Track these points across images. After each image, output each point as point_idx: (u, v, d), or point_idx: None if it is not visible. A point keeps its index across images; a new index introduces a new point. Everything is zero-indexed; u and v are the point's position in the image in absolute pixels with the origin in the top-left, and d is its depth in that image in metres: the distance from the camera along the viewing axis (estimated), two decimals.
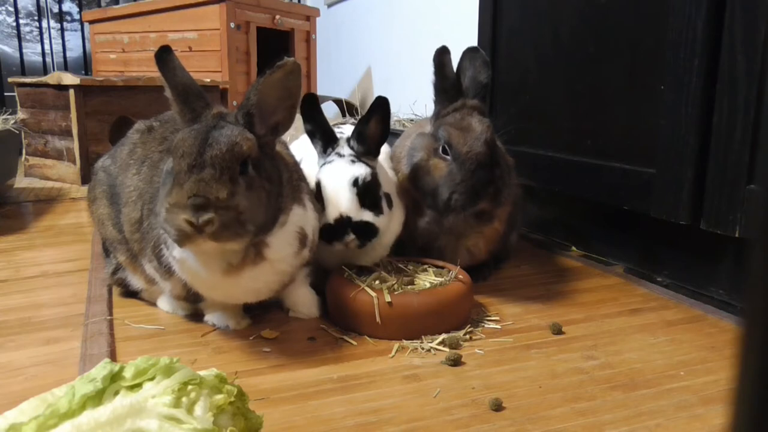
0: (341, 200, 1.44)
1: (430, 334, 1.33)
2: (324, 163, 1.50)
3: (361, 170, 1.46)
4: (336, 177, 1.46)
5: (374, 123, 1.50)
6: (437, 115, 1.61)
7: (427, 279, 1.46)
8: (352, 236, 1.42)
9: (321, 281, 1.52)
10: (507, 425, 0.99)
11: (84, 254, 2.00)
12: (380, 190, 1.49)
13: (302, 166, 1.52)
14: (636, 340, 1.32)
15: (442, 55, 1.59)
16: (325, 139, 1.54)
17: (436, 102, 1.64)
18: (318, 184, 1.48)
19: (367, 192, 1.45)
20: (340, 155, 1.50)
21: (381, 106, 1.49)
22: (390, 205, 1.52)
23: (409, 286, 1.41)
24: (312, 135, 1.55)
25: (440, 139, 1.53)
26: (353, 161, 1.48)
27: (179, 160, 1.11)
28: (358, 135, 1.51)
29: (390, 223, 1.54)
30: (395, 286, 1.39)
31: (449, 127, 1.52)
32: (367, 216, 1.44)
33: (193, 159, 1.10)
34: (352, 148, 1.51)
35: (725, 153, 1.42)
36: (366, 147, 1.51)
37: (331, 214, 1.44)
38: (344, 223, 1.42)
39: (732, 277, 1.55)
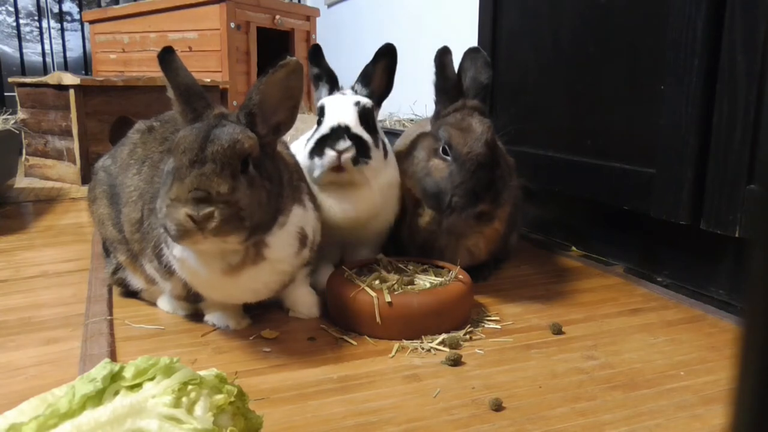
0: (342, 112, 1.46)
1: (430, 334, 1.33)
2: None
3: (363, 99, 1.52)
4: (338, 98, 1.52)
5: (380, 70, 1.55)
6: (438, 116, 1.62)
7: (427, 279, 1.46)
8: (348, 143, 1.42)
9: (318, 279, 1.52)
10: (507, 425, 0.99)
11: (84, 254, 2.00)
12: (378, 134, 1.52)
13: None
14: (636, 340, 1.32)
15: (443, 55, 1.59)
16: (330, 82, 1.61)
17: (437, 102, 1.64)
18: (320, 108, 1.51)
19: (367, 117, 1.49)
20: (343, 94, 1.57)
21: (388, 52, 1.55)
22: (386, 154, 1.55)
23: (409, 286, 1.41)
24: (318, 78, 1.62)
25: (441, 140, 1.53)
26: (355, 95, 1.55)
27: (180, 156, 1.11)
28: (362, 77, 1.57)
29: (385, 169, 1.54)
30: (395, 286, 1.39)
31: (450, 127, 1.52)
32: (366, 135, 1.46)
33: (194, 155, 1.10)
34: (355, 91, 1.58)
35: (725, 153, 1.42)
36: (369, 91, 1.56)
37: (329, 123, 1.45)
38: (341, 130, 1.43)
39: (732, 277, 1.55)
